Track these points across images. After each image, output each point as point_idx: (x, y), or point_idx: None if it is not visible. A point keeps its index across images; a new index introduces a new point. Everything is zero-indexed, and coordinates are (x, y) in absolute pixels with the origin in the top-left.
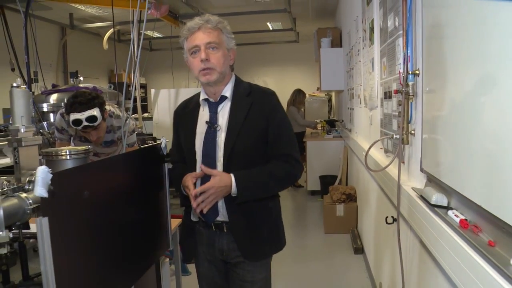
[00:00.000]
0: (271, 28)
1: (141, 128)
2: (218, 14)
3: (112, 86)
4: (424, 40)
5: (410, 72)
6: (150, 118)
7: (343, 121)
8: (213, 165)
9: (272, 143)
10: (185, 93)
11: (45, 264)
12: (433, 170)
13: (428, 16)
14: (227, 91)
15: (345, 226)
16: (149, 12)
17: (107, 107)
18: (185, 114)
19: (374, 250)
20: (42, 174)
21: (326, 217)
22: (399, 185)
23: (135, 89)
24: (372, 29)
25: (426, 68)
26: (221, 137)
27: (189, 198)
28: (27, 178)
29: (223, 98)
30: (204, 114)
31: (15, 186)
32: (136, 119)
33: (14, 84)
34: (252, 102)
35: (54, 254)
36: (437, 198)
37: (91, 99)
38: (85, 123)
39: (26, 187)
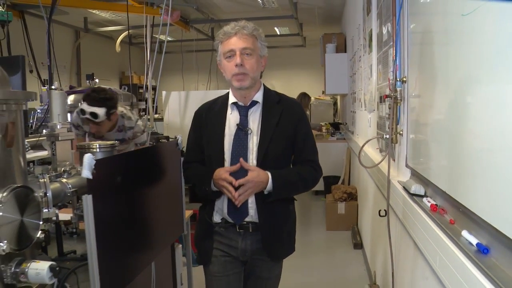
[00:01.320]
0: (278, 33)
1: (153, 128)
2: (228, 19)
3: (126, 88)
4: (409, 51)
5: (398, 79)
6: (161, 119)
7: (346, 123)
8: (244, 168)
9: (299, 149)
10: (195, 96)
11: (89, 232)
12: (415, 165)
13: (412, 30)
14: (259, 97)
15: (346, 223)
16: (161, 17)
17: (120, 109)
18: (211, 116)
19: (370, 243)
20: (88, 160)
21: (328, 214)
22: (388, 179)
23: (147, 90)
24: (370, 38)
25: (410, 76)
26: (253, 141)
27: (223, 191)
28: (62, 168)
29: (254, 103)
30: (232, 117)
31: (53, 174)
32: (148, 119)
33: (53, 87)
34: (283, 110)
35: (96, 224)
36: (416, 188)
37: (104, 99)
38: (87, 115)
39: (64, 176)
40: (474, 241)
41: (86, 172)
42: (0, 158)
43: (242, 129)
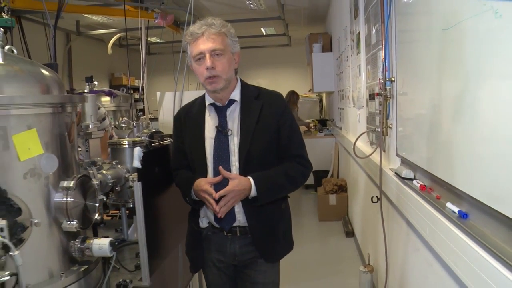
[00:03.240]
0: (264, 33)
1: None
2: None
3: (125, 90)
4: (396, 55)
5: (388, 79)
6: (156, 119)
7: (334, 120)
8: (227, 170)
9: (284, 144)
10: (189, 96)
11: (139, 213)
12: (404, 154)
13: (398, 37)
14: (236, 95)
15: (337, 214)
16: (156, 21)
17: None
18: (189, 119)
19: (362, 230)
20: (138, 152)
21: (320, 206)
22: (380, 168)
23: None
24: (359, 40)
25: (398, 76)
26: (234, 142)
27: (203, 202)
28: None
29: (232, 102)
30: (211, 119)
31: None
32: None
33: (86, 91)
34: (262, 105)
35: (144, 206)
36: (406, 173)
37: None
38: None
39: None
40: (456, 209)
41: (137, 163)
42: (66, 153)
43: (222, 130)
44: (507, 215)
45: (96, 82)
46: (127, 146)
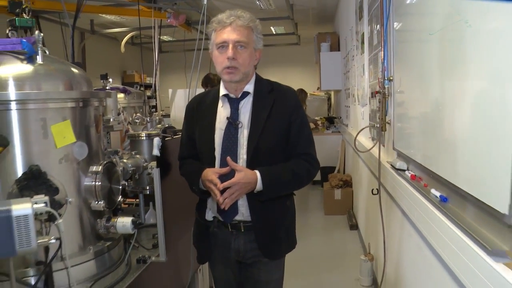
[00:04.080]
0: (274, 32)
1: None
2: None
3: (139, 87)
4: (394, 56)
5: (386, 78)
6: (168, 115)
7: (341, 117)
8: (235, 162)
9: (293, 141)
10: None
11: (157, 197)
12: (400, 148)
13: (396, 39)
14: (250, 88)
15: (342, 208)
16: (168, 21)
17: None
18: (202, 109)
19: (365, 222)
20: (157, 142)
21: (325, 200)
22: (379, 161)
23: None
24: (363, 41)
25: (396, 75)
26: (243, 134)
27: (210, 192)
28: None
29: (245, 94)
30: (223, 110)
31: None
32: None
33: (108, 87)
34: (275, 100)
35: (162, 190)
36: (400, 164)
37: None
38: None
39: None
40: (438, 194)
41: (156, 151)
42: (94, 142)
43: (233, 122)
44: (478, 197)
45: (111, 80)
46: (144, 138)
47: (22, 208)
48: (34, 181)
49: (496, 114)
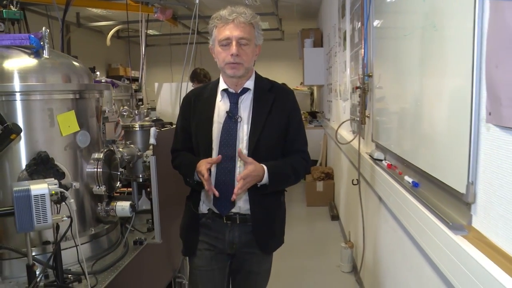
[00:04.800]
0: None
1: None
2: (211, 16)
3: (126, 80)
4: (373, 54)
5: (366, 74)
6: (154, 109)
7: (323, 112)
8: (233, 156)
9: (291, 139)
10: (185, 86)
11: (154, 183)
12: (378, 139)
13: (375, 37)
14: (250, 84)
15: (324, 200)
16: (155, 15)
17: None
18: (200, 102)
19: (345, 212)
20: (154, 131)
21: (308, 192)
22: (359, 152)
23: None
24: (345, 38)
25: (375, 72)
26: (243, 129)
27: (203, 184)
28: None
29: (245, 90)
30: (222, 104)
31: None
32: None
33: (103, 80)
34: (275, 98)
35: (157, 178)
36: (377, 154)
37: None
38: None
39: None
40: (411, 180)
41: (153, 140)
42: (96, 131)
43: (232, 116)
44: (443, 181)
45: (98, 73)
46: (138, 129)
47: (39, 188)
48: (43, 166)
49: (456, 110)
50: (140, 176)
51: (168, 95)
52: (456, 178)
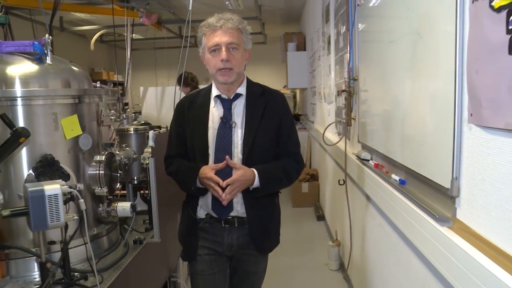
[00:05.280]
0: None
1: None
2: (196, 20)
3: (112, 84)
4: (359, 59)
5: (351, 78)
6: (139, 112)
7: (307, 114)
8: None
9: (284, 142)
10: (170, 91)
11: (152, 183)
12: (364, 140)
13: (360, 43)
14: (242, 90)
15: (309, 200)
16: (141, 20)
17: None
18: (193, 108)
19: (330, 212)
20: (152, 135)
21: (293, 193)
22: (345, 154)
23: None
24: (329, 43)
25: (360, 76)
26: (237, 134)
27: (209, 189)
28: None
29: (237, 96)
30: (216, 110)
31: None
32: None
33: (98, 85)
34: (266, 102)
35: (156, 178)
36: (364, 155)
37: None
38: None
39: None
40: (397, 178)
41: (151, 142)
42: (96, 133)
43: (226, 122)
44: (429, 177)
45: None
46: (132, 132)
47: (52, 188)
48: (49, 168)
49: (441, 111)
50: (135, 178)
51: (153, 99)
52: (441, 174)
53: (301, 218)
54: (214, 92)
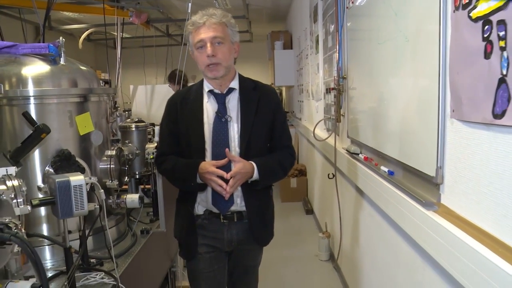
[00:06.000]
0: None
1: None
2: (183, 19)
3: (104, 83)
4: (348, 58)
5: (341, 77)
6: (129, 110)
7: (293, 111)
8: (226, 155)
9: (277, 136)
10: (160, 89)
11: (158, 179)
12: (353, 135)
13: (349, 43)
14: (235, 84)
15: (298, 195)
16: (131, 19)
17: None
18: (187, 105)
19: (319, 205)
20: (158, 131)
21: (282, 188)
22: (335, 148)
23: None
24: (317, 42)
25: (349, 74)
26: (233, 128)
27: (211, 184)
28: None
29: (230, 90)
30: (210, 105)
31: None
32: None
33: None
34: (260, 96)
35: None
36: (354, 149)
37: None
38: None
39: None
40: (386, 169)
41: (157, 138)
42: (105, 130)
43: (222, 116)
44: (415, 167)
45: None
46: (134, 129)
47: (77, 179)
48: (66, 162)
49: (426, 108)
50: (137, 173)
51: (143, 97)
52: (426, 164)
53: (290, 213)
54: (207, 87)
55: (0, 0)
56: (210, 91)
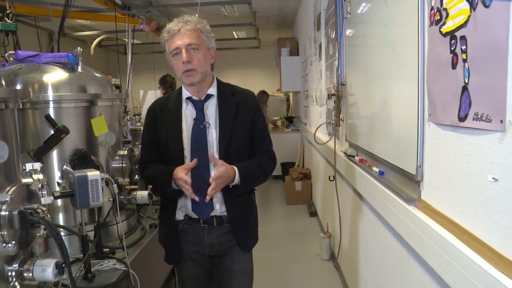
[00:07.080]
0: (236, 37)
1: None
2: None
3: (115, 88)
4: (346, 66)
5: (340, 83)
6: (138, 115)
7: (299, 117)
8: (206, 161)
9: (257, 140)
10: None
11: None
12: (351, 138)
13: (347, 53)
14: (213, 91)
15: (303, 198)
16: (141, 26)
17: None
18: (166, 112)
19: (322, 207)
20: None
21: (287, 191)
22: (335, 152)
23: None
24: (320, 49)
25: (348, 81)
26: (212, 134)
27: (183, 190)
28: None
29: (208, 96)
30: (188, 112)
31: None
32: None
33: None
34: (238, 102)
35: None
36: (351, 151)
37: None
38: None
39: None
40: (377, 170)
41: None
42: (119, 132)
43: (200, 123)
44: (400, 167)
45: None
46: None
47: (94, 174)
48: (83, 160)
49: (408, 112)
50: None
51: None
52: (409, 163)
53: (295, 215)
54: (185, 94)
55: (18, 9)
56: (188, 98)
